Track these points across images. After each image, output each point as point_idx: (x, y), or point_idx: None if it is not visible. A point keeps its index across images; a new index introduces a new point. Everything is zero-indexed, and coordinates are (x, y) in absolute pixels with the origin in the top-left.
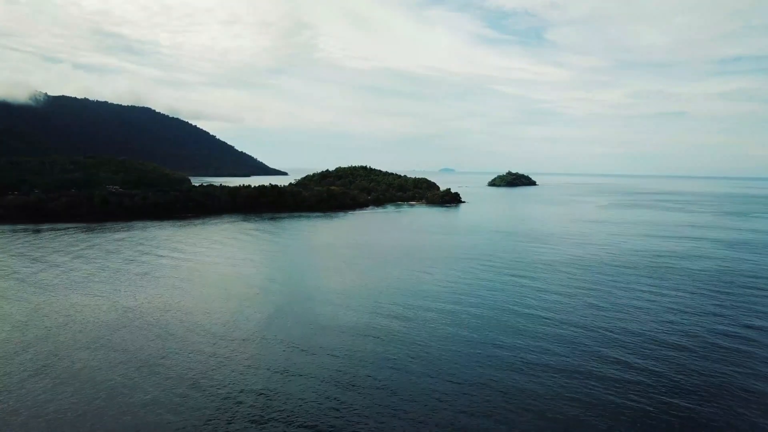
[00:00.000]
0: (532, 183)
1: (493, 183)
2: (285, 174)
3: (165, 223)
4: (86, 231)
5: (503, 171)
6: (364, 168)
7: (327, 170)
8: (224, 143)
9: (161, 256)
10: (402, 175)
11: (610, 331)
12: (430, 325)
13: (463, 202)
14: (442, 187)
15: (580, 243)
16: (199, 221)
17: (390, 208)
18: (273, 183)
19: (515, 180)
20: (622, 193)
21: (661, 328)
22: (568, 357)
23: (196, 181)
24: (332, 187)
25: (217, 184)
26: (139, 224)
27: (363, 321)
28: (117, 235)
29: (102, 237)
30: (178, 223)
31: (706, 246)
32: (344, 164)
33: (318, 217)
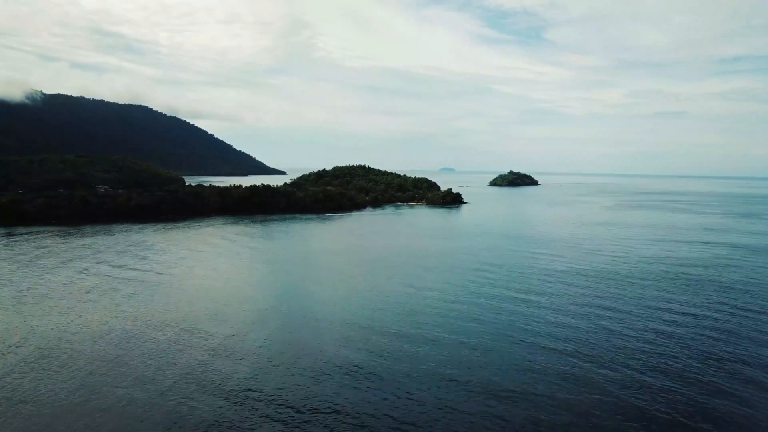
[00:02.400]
0: (534, 182)
1: (495, 183)
2: (284, 173)
3: (148, 226)
4: (59, 235)
5: (503, 170)
6: (362, 167)
7: (324, 170)
8: (223, 142)
9: (135, 263)
10: (402, 174)
11: (638, 372)
12: (415, 363)
13: (465, 202)
14: (443, 187)
15: (590, 249)
16: (186, 224)
17: (389, 209)
18: (269, 183)
19: (517, 179)
20: (626, 193)
21: (702, 367)
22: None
23: (192, 181)
24: (328, 188)
25: (215, 183)
26: (121, 227)
27: (337, 353)
28: (90, 240)
29: (73, 241)
30: (162, 226)
31: (729, 253)
32: (344, 163)
33: (312, 219)
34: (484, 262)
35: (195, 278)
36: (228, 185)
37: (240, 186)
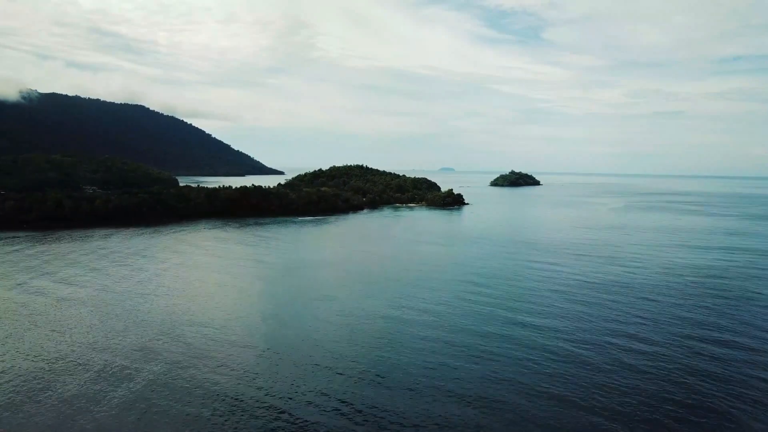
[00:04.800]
0: (536, 182)
1: (496, 183)
2: (282, 173)
3: (125, 232)
4: (23, 242)
5: (503, 170)
6: (359, 167)
7: (320, 170)
8: (220, 142)
9: (88, 278)
10: (401, 174)
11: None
12: (395, 415)
13: (467, 203)
14: (443, 187)
15: (603, 257)
16: (168, 228)
17: (387, 211)
18: (267, 183)
19: (518, 180)
20: (630, 194)
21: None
22: None
23: (188, 181)
24: (323, 188)
25: (211, 184)
26: (95, 233)
27: (317, 389)
28: (55, 248)
29: (35, 250)
30: (142, 231)
31: (762, 261)
32: (343, 163)
33: (305, 222)
34: (487, 277)
35: (157, 297)
36: (218, 186)
37: (230, 187)
